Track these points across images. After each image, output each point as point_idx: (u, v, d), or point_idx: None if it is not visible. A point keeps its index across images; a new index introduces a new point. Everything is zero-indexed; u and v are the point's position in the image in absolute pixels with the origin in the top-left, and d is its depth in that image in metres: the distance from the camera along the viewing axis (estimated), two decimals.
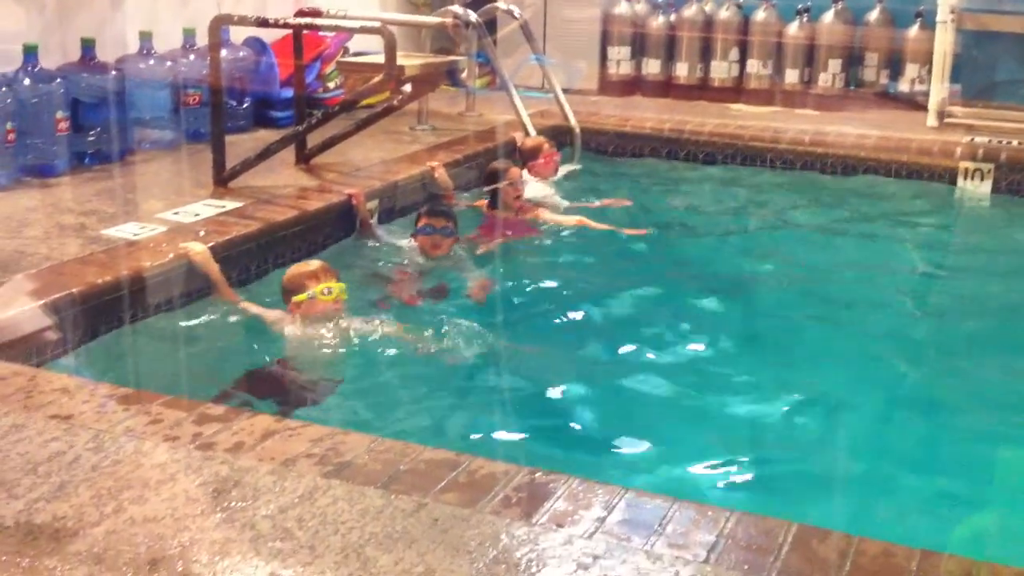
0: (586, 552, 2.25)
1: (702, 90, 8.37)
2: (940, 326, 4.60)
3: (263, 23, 5.59)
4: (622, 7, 8.52)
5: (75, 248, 4.22)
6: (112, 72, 5.67)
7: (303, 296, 3.90)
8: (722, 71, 8.33)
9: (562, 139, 6.81)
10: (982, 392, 3.85)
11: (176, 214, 4.73)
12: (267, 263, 4.61)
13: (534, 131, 6.46)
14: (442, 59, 6.23)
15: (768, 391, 3.77)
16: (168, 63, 6.15)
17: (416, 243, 4.89)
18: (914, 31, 7.88)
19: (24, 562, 2.16)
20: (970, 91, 7.64)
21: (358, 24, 5.87)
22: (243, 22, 5.81)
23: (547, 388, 3.76)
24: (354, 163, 5.86)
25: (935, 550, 2.28)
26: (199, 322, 4.06)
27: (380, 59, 5.26)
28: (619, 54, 8.53)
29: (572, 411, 3.65)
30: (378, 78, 5.28)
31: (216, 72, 5.37)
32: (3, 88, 5.09)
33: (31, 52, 5.27)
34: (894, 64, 8.05)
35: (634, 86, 8.55)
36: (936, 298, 4.96)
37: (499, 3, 7.56)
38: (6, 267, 3.97)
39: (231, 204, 4.92)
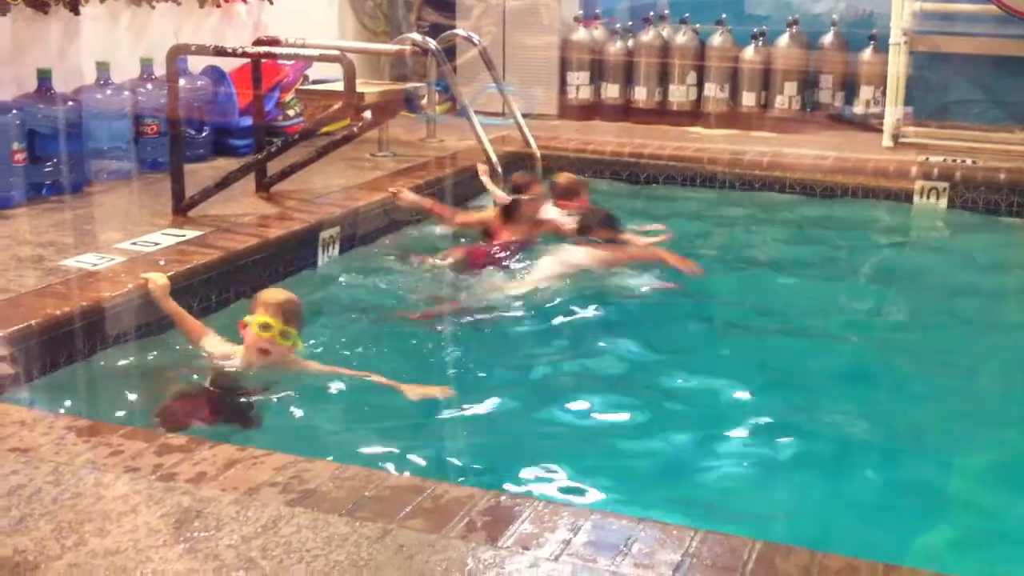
0: (552, 574, 2.25)
1: (661, 114, 8.44)
2: (897, 341, 4.65)
3: (221, 52, 5.58)
4: (580, 33, 8.59)
5: (33, 280, 4.17)
6: (69, 103, 5.63)
7: (248, 319, 3.78)
8: (680, 95, 8.41)
9: (523, 164, 6.84)
10: (941, 406, 3.89)
11: (135, 244, 4.70)
12: (228, 292, 4.59)
13: (495, 156, 6.47)
14: (401, 86, 6.25)
15: (723, 408, 3.80)
16: (126, 93, 6.12)
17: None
18: (868, 54, 8.01)
19: None
20: (924, 112, 7.77)
21: (317, 52, 5.88)
22: (201, 51, 5.79)
23: (509, 412, 3.76)
24: (315, 190, 5.85)
25: (897, 564, 2.31)
26: (159, 352, 4.03)
27: (340, 87, 5.27)
28: (578, 79, 8.60)
29: (533, 435, 3.64)
30: (337, 106, 5.29)
31: (174, 102, 5.35)
32: None
33: None
34: (849, 86, 8.17)
35: (594, 111, 8.61)
36: (894, 314, 5.00)
37: (458, 30, 7.60)
38: None
39: (191, 233, 4.90)
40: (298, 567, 2.25)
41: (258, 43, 6.31)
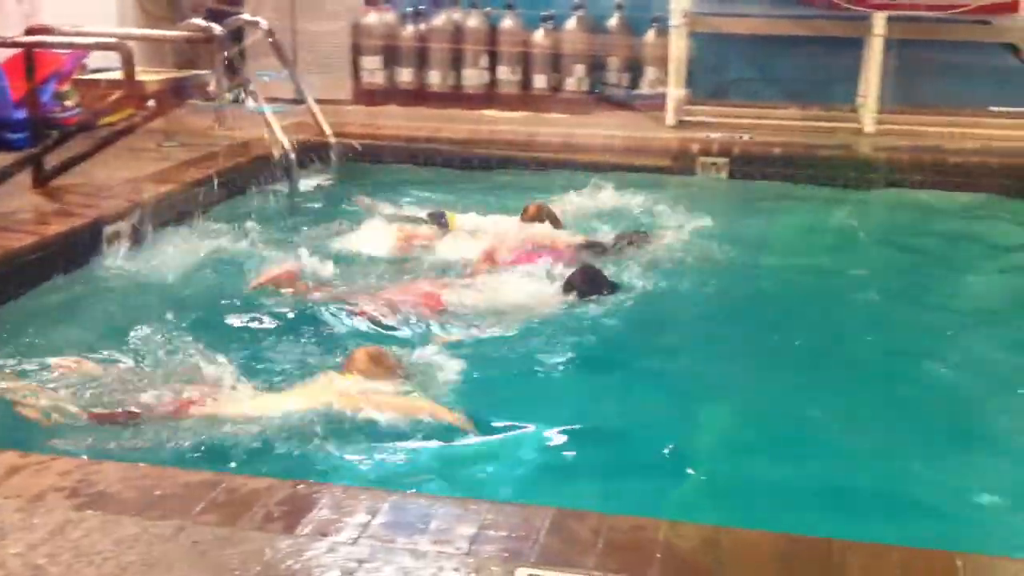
0: (350, 558, 2.26)
1: (455, 98, 8.49)
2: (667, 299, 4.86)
3: None
4: (371, 18, 8.53)
5: None
6: None
7: None
8: (474, 78, 8.49)
9: (318, 151, 6.76)
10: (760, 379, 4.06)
11: None
12: (5, 294, 4.37)
13: (288, 144, 6.36)
14: (185, 73, 6.07)
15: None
16: None
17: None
18: (651, 36, 8.28)
19: None
20: (705, 91, 8.12)
21: (93, 40, 5.64)
22: None
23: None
24: (98, 183, 5.62)
25: (680, 520, 2.44)
26: None
27: (120, 75, 5.08)
28: (372, 64, 8.55)
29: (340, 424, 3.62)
30: (116, 95, 5.10)
31: None
32: None
33: None
34: (635, 68, 8.42)
35: (388, 96, 8.57)
36: (687, 286, 5.17)
37: (243, 15, 7.43)
38: None
39: None
40: (88, 570, 2.19)
41: (30, 32, 6.00)
